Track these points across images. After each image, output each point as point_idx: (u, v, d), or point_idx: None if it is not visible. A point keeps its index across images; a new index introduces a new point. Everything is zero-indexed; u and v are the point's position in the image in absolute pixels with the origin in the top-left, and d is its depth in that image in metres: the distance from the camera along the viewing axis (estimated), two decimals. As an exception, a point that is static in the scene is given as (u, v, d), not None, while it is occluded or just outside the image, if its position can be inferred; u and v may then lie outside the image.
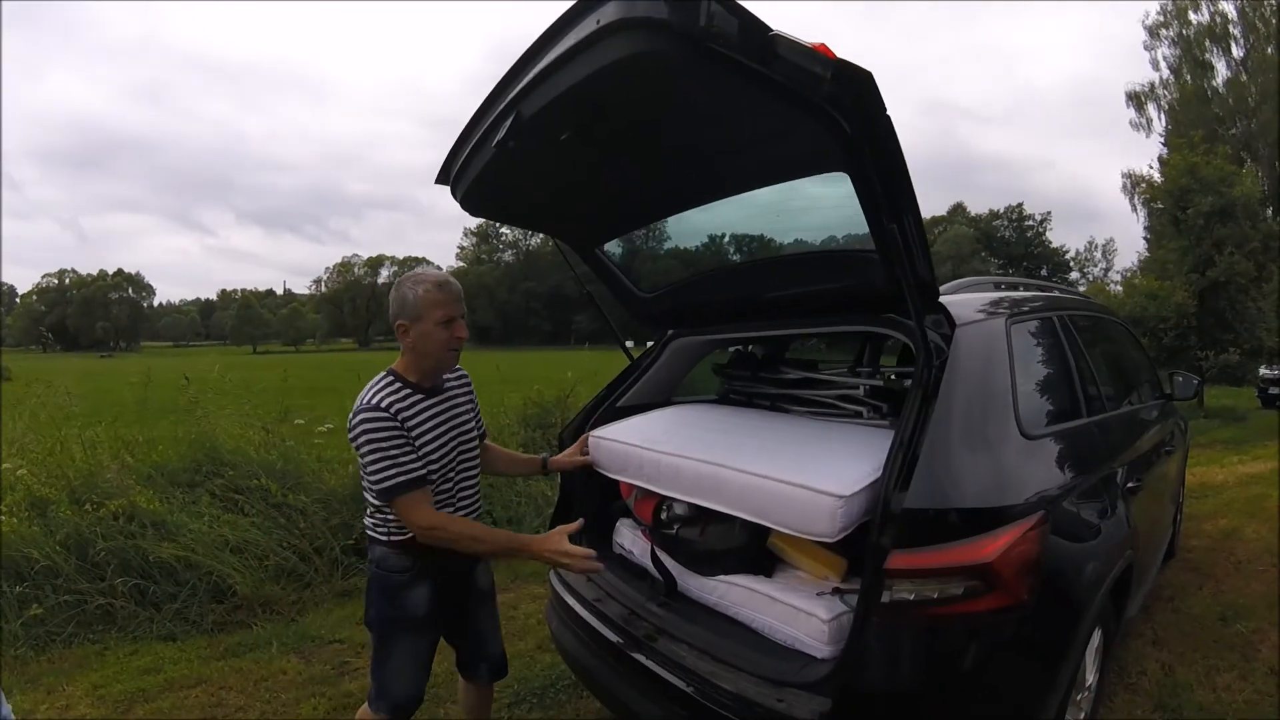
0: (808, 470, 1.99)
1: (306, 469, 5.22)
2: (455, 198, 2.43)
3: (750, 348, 3.47)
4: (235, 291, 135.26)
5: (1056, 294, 3.62)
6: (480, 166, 2.19)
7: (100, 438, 5.21)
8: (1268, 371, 14.98)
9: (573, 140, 2.03)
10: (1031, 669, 1.95)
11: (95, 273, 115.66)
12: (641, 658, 2.19)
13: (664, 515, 2.50)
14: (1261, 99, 28.70)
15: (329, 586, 4.51)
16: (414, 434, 2.00)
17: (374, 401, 1.96)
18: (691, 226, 2.74)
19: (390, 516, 2.05)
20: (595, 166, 2.33)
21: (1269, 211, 18.48)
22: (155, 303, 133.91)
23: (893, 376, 2.76)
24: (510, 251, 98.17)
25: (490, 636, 2.43)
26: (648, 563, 2.59)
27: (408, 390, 2.05)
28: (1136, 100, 30.43)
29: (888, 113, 1.55)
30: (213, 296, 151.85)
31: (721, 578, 2.31)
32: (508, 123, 1.94)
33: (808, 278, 2.52)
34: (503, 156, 2.05)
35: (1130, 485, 2.70)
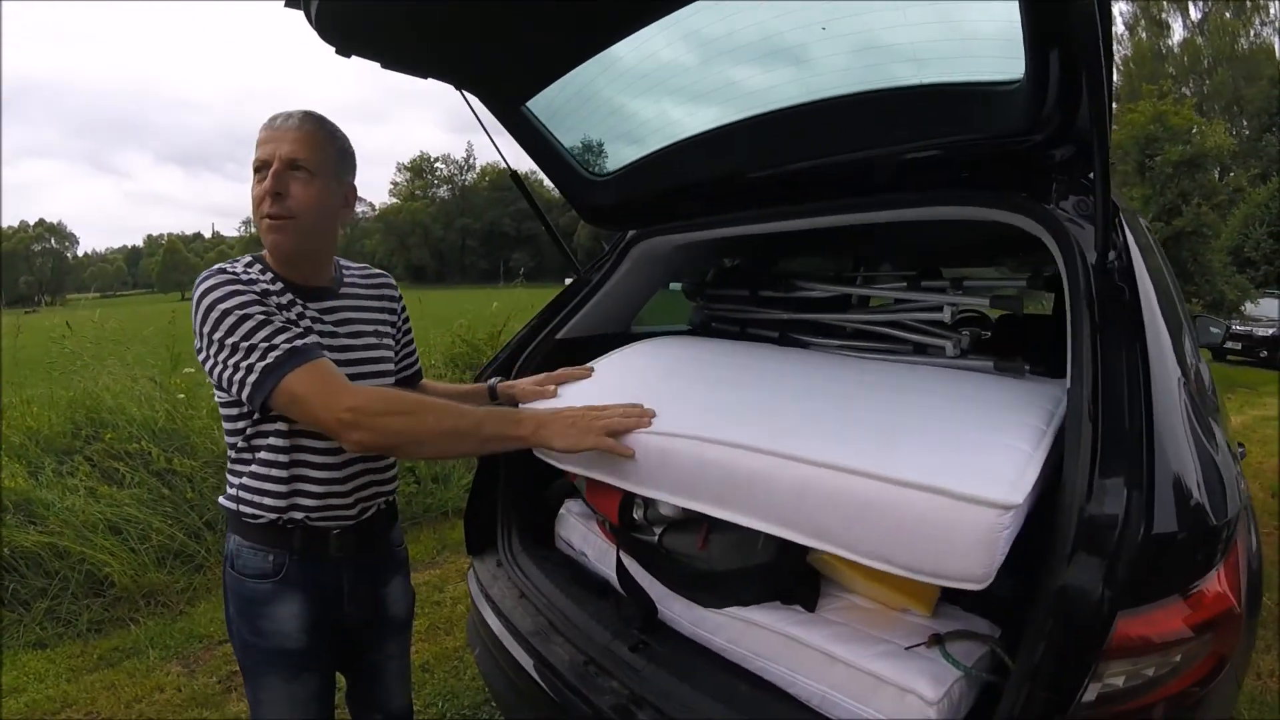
0: (917, 456, 1.14)
1: (194, 427, 4.53)
2: (310, 21, 1.52)
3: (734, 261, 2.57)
4: (162, 237, 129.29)
5: None
6: None
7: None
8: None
9: None
10: None
11: (16, 225, 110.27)
12: None
13: (638, 514, 1.62)
14: (1216, 60, 29.38)
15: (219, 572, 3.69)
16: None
17: (217, 268, 1.29)
18: (669, 57, 1.74)
19: (245, 478, 1.34)
20: None
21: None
22: (79, 253, 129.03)
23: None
24: (445, 187, 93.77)
25: (395, 684, 1.61)
26: (608, 571, 1.74)
27: (274, 278, 1.33)
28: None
29: None
30: (139, 244, 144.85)
31: (734, 611, 1.45)
32: None
33: (869, 133, 1.59)
34: None
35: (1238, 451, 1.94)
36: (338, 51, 1.63)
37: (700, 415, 1.42)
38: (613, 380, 1.74)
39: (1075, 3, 0.96)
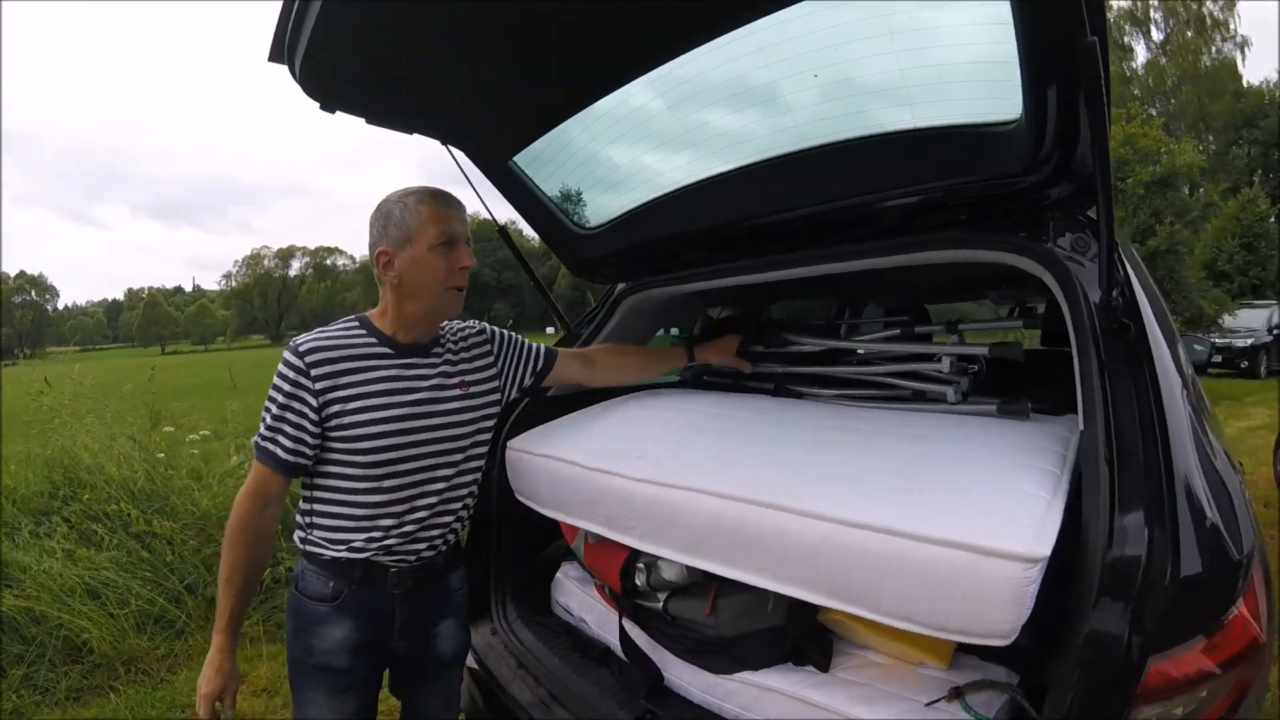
0: (936, 508, 1.10)
1: (173, 488, 4.39)
2: (294, 76, 1.51)
3: (722, 312, 2.52)
4: (143, 290, 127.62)
5: None
6: (313, 22, 1.33)
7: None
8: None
9: None
10: None
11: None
12: None
13: (640, 579, 1.56)
14: (1180, 79, 30.12)
15: (206, 634, 3.57)
16: (337, 398, 1.42)
17: (295, 343, 1.45)
18: (659, 108, 1.71)
19: (316, 514, 1.48)
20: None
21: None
22: (60, 305, 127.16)
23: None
24: None
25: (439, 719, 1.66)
26: (609, 638, 1.67)
27: (367, 338, 1.48)
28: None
29: None
30: (119, 296, 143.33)
31: (746, 676, 1.39)
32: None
33: (865, 179, 1.56)
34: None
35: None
36: (322, 107, 1.62)
37: (708, 468, 1.38)
38: (612, 431, 1.70)
39: (1079, 38, 0.95)
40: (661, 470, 1.40)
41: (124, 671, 3.40)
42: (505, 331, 1.74)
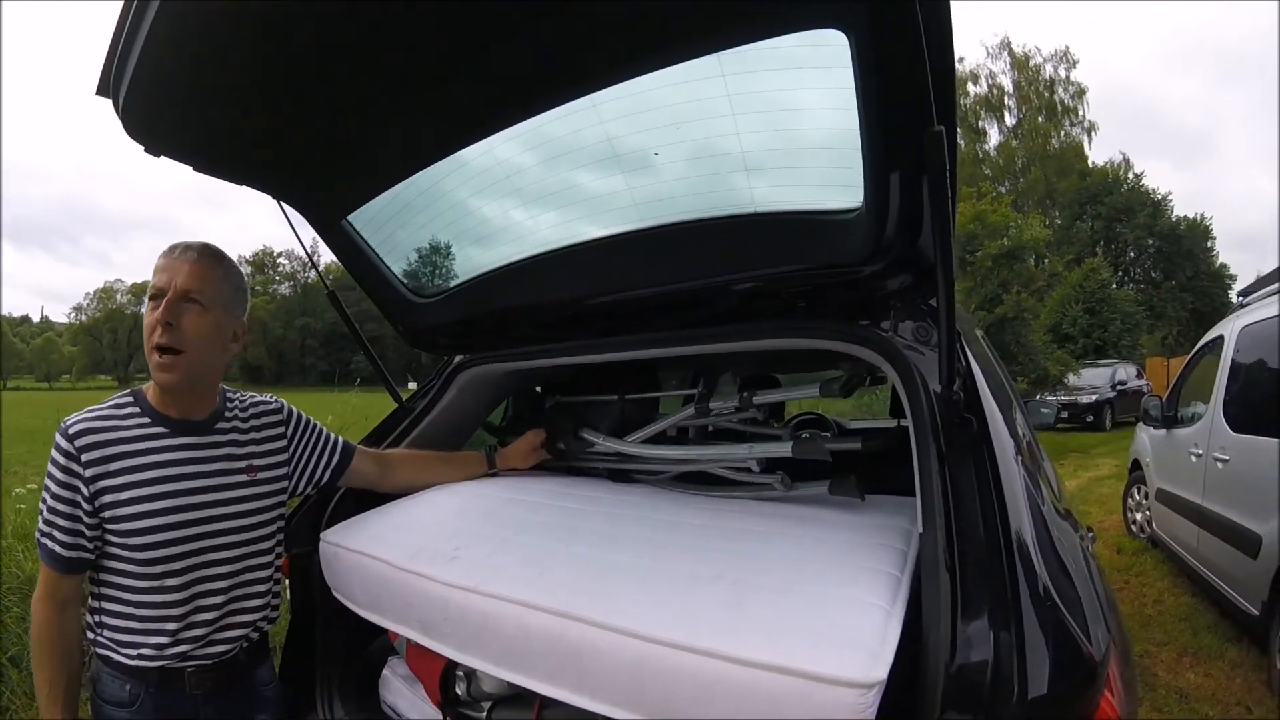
0: (765, 625, 1.02)
1: None
2: (117, 113, 1.35)
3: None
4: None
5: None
6: (136, 56, 1.18)
7: None
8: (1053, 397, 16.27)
9: None
10: None
11: None
12: None
13: (460, 689, 1.40)
14: (1029, 160, 33.06)
15: (32, 713, 3.09)
16: (108, 487, 1.28)
17: (66, 424, 1.32)
18: (504, 173, 1.61)
19: (105, 612, 1.35)
20: (322, 49, 1.23)
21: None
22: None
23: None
24: (288, 284, 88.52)
25: None
26: None
27: (139, 418, 1.34)
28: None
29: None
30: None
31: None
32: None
33: (706, 262, 1.51)
34: (161, 29, 1.12)
35: None
36: (146, 150, 1.45)
37: (524, 574, 1.27)
38: (431, 524, 1.55)
39: (925, 129, 0.91)
40: (475, 575, 1.28)
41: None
42: (306, 416, 1.59)
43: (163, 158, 1.48)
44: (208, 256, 1.35)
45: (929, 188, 1.04)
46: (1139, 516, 5.81)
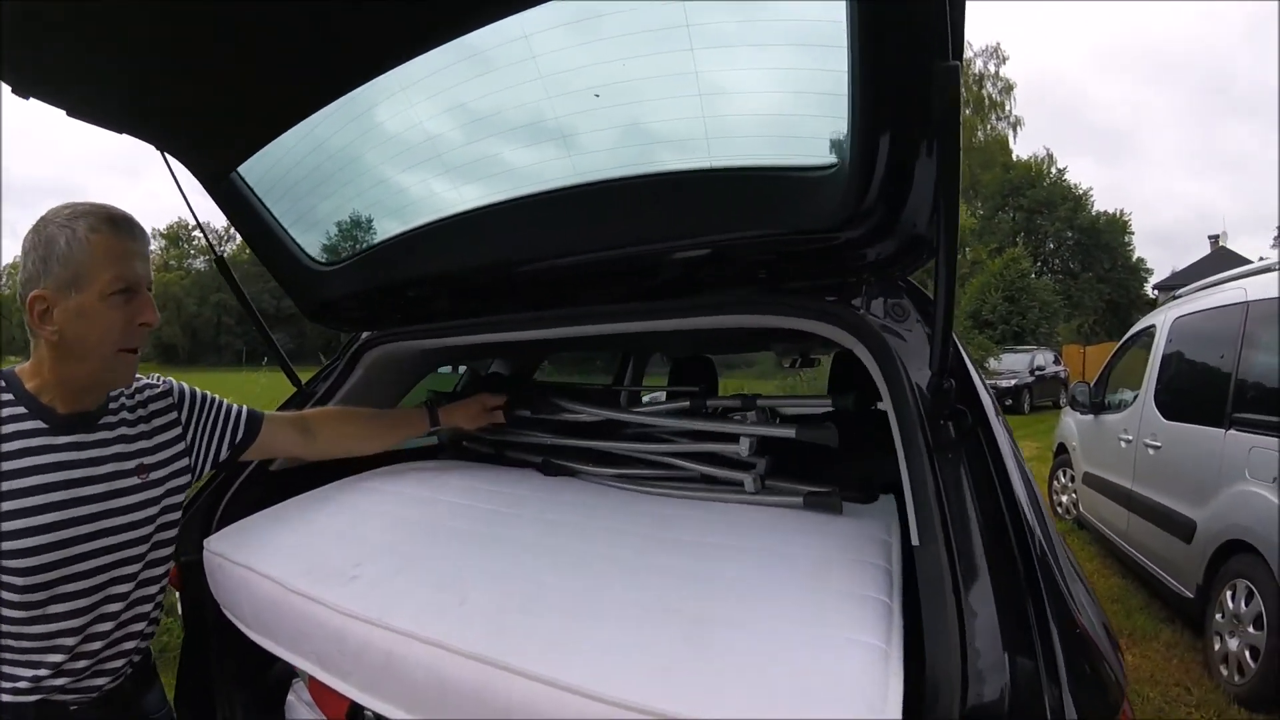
0: (737, 678, 0.83)
1: None
2: None
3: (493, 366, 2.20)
4: None
5: None
6: None
7: None
8: None
9: None
10: None
11: None
12: None
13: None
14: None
15: None
16: None
17: None
18: (417, 120, 1.37)
19: None
20: None
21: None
22: None
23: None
24: (203, 258, 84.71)
25: None
26: None
27: (13, 407, 1.13)
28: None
29: None
30: None
31: None
32: None
33: (652, 224, 1.29)
34: None
35: None
36: (15, 91, 1.23)
37: (438, 601, 1.04)
38: (330, 531, 1.32)
39: (934, 64, 0.74)
40: (377, 603, 1.05)
41: None
42: (198, 391, 1.37)
43: (33, 99, 1.25)
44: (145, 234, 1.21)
45: (939, 137, 0.87)
46: (1065, 499, 5.93)
